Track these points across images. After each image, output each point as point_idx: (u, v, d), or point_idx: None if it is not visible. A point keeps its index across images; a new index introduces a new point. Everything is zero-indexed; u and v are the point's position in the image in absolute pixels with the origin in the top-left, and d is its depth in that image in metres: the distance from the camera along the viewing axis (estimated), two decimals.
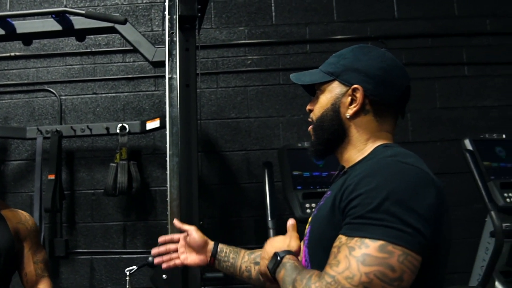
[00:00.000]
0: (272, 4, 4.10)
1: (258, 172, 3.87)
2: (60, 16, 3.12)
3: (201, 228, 2.05)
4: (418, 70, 4.02)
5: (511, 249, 3.27)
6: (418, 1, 4.11)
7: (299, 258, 1.77)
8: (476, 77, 4.05)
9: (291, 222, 1.60)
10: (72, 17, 3.18)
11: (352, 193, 1.23)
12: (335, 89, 1.47)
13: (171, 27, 2.64)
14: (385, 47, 3.95)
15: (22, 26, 3.27)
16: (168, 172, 2.52)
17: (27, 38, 3.39)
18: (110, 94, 4.00)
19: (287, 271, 1.34)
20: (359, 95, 1.41)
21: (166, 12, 2.66)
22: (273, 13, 4.10)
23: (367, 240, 1.15)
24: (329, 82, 1.49)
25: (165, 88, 2.60)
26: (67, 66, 4.04)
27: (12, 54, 4.03)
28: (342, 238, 1.20)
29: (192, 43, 2.77)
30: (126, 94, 4.00)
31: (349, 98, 1.43)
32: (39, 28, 3.27)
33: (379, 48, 1.51)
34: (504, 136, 3.46)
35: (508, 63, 4.05)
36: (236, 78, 4.00)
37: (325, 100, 1.49)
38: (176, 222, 2.01)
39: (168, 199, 2.50)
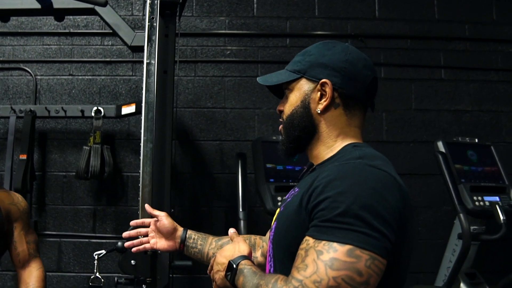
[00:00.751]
0: None
1: (231, 163, 3.88)
2: None
3: (171, 216, 2.06)
4: (395, 71, 4.07)
5: (478, 252, 3.34)
6: (399, 3, 4.14)
7: (257, 256, 1.81)
8: (452, 81, 4.10)
9: (231, 231, 1.63)
10: None
11: (320, 195, 1.23)
12: (304, 86, 1.48)
13: (152, 12, 2.62)
14: (365, 46, 4.00)
15: (1, 2, 3.23)
16: (141, 158, 2.51)
17: (5, 15, 3.34)
18: (86, 77, 3.96)
19: (246, 277, 1.35)
20: (328, 89, 1.42)
21: None
22: (255, 5, 4.09)
23: (335, 244, 1.16)
24: (296, 80, 1.49)
25: (142, 74, 2.59)
26: (44, 46, 3.98)
27: None
28: (309, 241, 1.21)
29: (172, 29, 2.77)
30: (102, 77, 3.96)
31: (318, 93, 1.44)
32: (18, 5, 3.23)
33: (342, 42, 1.51)
34: (476, 140, 3.52)
35: (483, 69, 4.12)
36: (214, 68, 3.99)
37: (294, 98, 1.49)
38: (147, 207, 2.06)
39: (140, 185, 2.49)
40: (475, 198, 3.19)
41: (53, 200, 3.85)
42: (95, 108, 3.67)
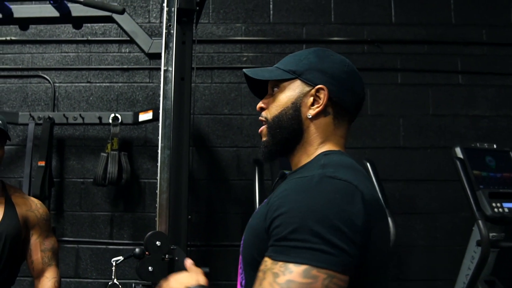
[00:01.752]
0: (270, 2, 4.11)
1: (247, 170, 3.88)
2: (58, 3, 3.11)
3: (188, 222, 2.06)
4: (411, 76, 4.05)
5: (497, 259, 3.30)
6: (415, 8, 4.13)
7: None
8: (469, 86, 4.08)
9: (188, 262, 1.57)
10: (70, 4, 3.19)
11: (276, 212, 1.18)
12: (297, 88, 1.42)
13: (169, 20, 2.63)
14: (381, 51, 3.99)
15: (20, 11, 3.27)
16: (159, 164, 2.52)
17: (24, 23, 3.39)
18: (104, 84, 3.99)
19: None
20: (323, 95, 1.38)
21: (165, 4, 2.66)
22: (271, 11, 4.10)
23: (290, 265, 1.10)
24: (289, 80, 1.43)
25: (159, 81, 2.61)
26: (63, 54, 4.03)
27: (8, 38, 4.01)
28: (267, 262, 1.15)
29: (189, 36, 2.78)
30: (120, 84, 3.99)
31: (311, 98, 1.39)
32: (37, 13, 3.27)
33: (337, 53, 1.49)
34: (495, 146, 3.49)
35: (501, 74, 4.08)
36: (231, 74, 4.00)
37: (284, 98, 1.43)
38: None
39: (157, 191, 2.50)
40: (494, 204, 3.16)
41: (71, 207, 3.88)
42: (112, 115, 3.70)
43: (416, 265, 3.88)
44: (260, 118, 1.49)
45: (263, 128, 1.48)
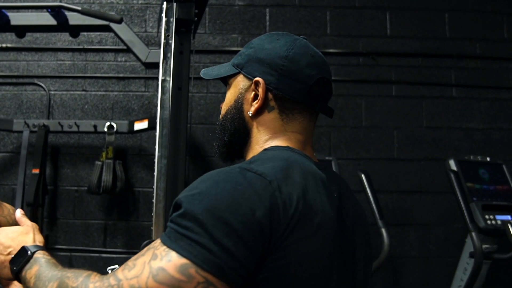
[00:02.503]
0: (267, 14, 4.13)
1: None
2: (56, 11, 3.13)
3: None
4: (406, 88, 4.08)
5: (489, 271, 3.32)
6: (410, 21, 4.17)
7: None
8: (463, 99, 4.11)
9: (20, 212, 1.43)
10: (67, 13, 3.19)
11: (177, 198, 1.06)
12: (240, 83, 1.29)
13: (167, 30, 2.65)
14: (376, 63, 4.00)
15: (17, 18, 3.27)
16: (155, 173, 2.52)
17: (21, 31, 3.39)
18: (99, 92, 4.00)
19: (43, 267, 1.17)
20: (260, 89, 1.23)
21: (163, 15, 2.67)
22: (267, 23, 4.13)
23: (173, 254, 0.97)
24: (235, 75, 1.31)
25: (155, 90, 2.62)
26: (58, 61, 4.03)
27: (4, 45, 4.01)
28: (157, 240, 1.03)
29: (187, 47, 2.78)
30: (115, 93, 3.99)
31: (253, 93, 1.25)
32: (34, 21, 3.27)
33: (294, 35, 1.31)
34: (488, 159, 3.52)
35: (494, 87, 4.12)
36: None
37: (229, 96, 1.32)
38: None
39: (154, 200, 2.51)
40: (487, 216, 3.18)
41: (65, 215, 3.87)
42: (107, 123, 3.70)
43: (410, 276, 3.89)
44: None
45: None
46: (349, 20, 4.15)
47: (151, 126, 3.50)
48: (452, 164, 3.35)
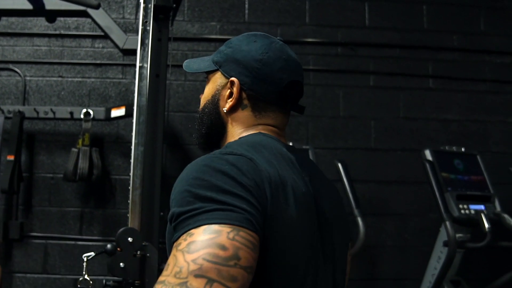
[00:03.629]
0: (246, 2, 4.12)
1: None
2: None
3: (160, 219, 2.05)
4: (384, 79, 4.10)
5: (463, 259, 3.37)
6: (389, 12, 4.18)
7: None
8: (440, 91, 4.14)
9: None
10: None
11: (171, 196, 1.12)
12: (217, 80, 1.37)
13: (145, 16, 2.61)
14: (355, 54, 4.02)
15: None
16: (132, 161, 2.50)
17: None
18: (76, 79, 3.95)
19: None
20: (235, 89, 1.31)
21: (141, 1, 2.64)
22: (246, 11, 4.11)
23: (191, 231, 1.00)
24: (214, 71, 1.39)
25: (132, 77, 2.60)
26: (34, 47, 3.97)
27: None
28: (174, 243, 1.04)
29: (165, 34, 2.77)
30: (92, 80, 3.96)
31: (228, 91, 1.33)
32: (9, 5, 3.23)
33: (271, 37, 1.38)
34: (463, 149, 3.56)
35: (471, 79, 4.16)
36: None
37: (207, 91, 1.40)
38: None
39: (130, 187, 2.49)
40: (461, 206, 3.22)
41: (40, 202, 3.83)
42: (84, 110, 3.66)
43: (385, 265, 3.93)
44: None
45: None
46: (328, 10, 4.15)
47: (128, 113, 3.47)
48: (428, 154, 3.38)
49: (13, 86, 3.92)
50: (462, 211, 3.19)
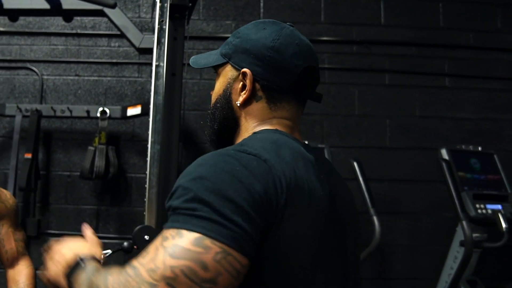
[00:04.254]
0: (261, 1, 4.12)
1: None
2: None
3: None
4: (399, 77, 4.09)
5: (479, 259, 3.36)
6: (404, 10, 4.17)
7: None
8: (455, 89, 4.12)
9: (87, 230, 1.43)
10: None
11: (175, 185, 1.07)
12: (228, 73, 1.30)
13: (161, 15, 2.64)
14: (369, 52, 4.00)
15: (10, 2, 3.25)
16: (148, 159, 2.53)
17: (14, 14, 3.38)
18: (92, 78, 3.98)
19: (87, 273, 1.14)
20: (248, 80, 1.25)
21: (158, 0, 2.66)
22: (261, 10, 4.12)
23: (183, 231, 0.97)
24: (224, 65, 1.32)
25: (148, 76, 2.62)
26: (51, 46, 4.01)
27: None
28: (163, 230, 1.03)
29: (181, 32, 2.78)
30: (108, 78, 3.98)
31: (241, 83, 1.27)
32: (27, 5, 3.26)
33: (280, 23, 1.31)
34: (479, 148, 3.54)
35: (487, 78, 4.14)
36: None
37: (218, 85, 1.33)
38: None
39: (147, 186, 2.51)
40: (477, 206, 3.21)
41: (57, 200, 3.87)
42: (100, 109, 3.69)
43: (399, 264, 3.92)
44: None
45: None
46: (342, 8, 4.15)
47: (144, 112, 3.49)
48: (444, 153, 3.37)
49: (31, 85, 3.96)
50: (479, 211, 3.17)
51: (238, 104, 1.27)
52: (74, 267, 1.19)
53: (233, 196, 1.00)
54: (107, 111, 3.69)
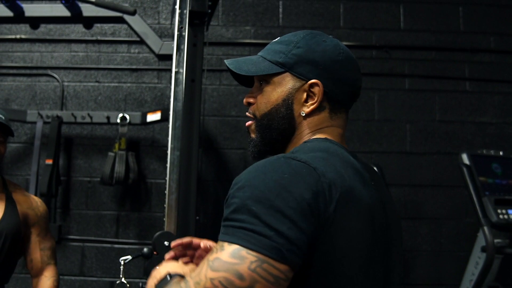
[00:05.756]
0: (280, 6, 4.12)
1: None
2: (70, 2, 3.14)
3: (196, 223, 2.06)
4: (419, 82, 4.06)
5: (501, 265, 3.31)
6: (424, 14, 4.14)
7: None
8: (476, 93, 4.08)
9: (174, 253, 1.49)
10: (81, 4, 3.21)
11: (228, 195, 1.10)
12: (288, 83, 1.28)
13: (181, 22, 2.65)
14: (389, 57, 3.98)
15: (31, 10, 3.29)
16: (168, 165, 2.53)
17: (35, 22, 3.42)
18: (112, 84, 4.01)
19: (169, 286, 1.19)
20: (317, 91, 1.25)
21: (177, 7, 2.67)
22: (280, 15, 4.12)
23: (225, 244, 1.02)
24: (279, 74, 1.29)
25: (167, 82, 2.63)
26: (72, 53, 4.05)
27: (18, 36, 4.04)
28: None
29: (200, 39, 2.79)
30: (128, 84, 4.01)
31: (305, 93, 1.26)
32: (48, 12, 3.30)
33: (330, 36, 1.33)
34: (501, 153, 3.50)
35: (508, 81, 4.09)
36: None
37: (275, 95, 1.29)
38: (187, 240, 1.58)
39: (166, 192, 2.52)
40: (499, 211, 3.17)
41: (77, 205, 3.90)
42: (120, 115, 3.72)
43: (421, 270, 3.88)
44: (247, 113, 1.36)
45: (251, 123, 1.35)
46: (362, 13, 4.13)
47: (164, 118, 3.51)
48: (465, 158, 3.33)
49: (51, 92, 4.00)
50: (501, 216, 3.13)
51: (303, 114, 1.27)
52: (162, 281, 1.28)
53: (280, 206, 1.02)
54: (127, 117, 3.71)
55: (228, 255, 1.00)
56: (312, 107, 1.26)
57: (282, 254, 1.00)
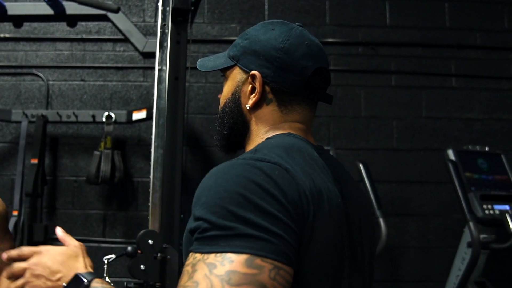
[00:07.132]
0: (266, 3, 4.11)
1: None
2: (53, 0, 3.11)
3: (181, 221, 2.05)
4: (406, 79, 4.06)
5: (487, 260, 3.32)
6: (410, 11, 4.14)
7: None
8: (463, 89, 4.09)
9: (60, 232, 1.37)
10: (64, 2, 3.19)
11: (194, 204, 1.04)
12: (236, 76, 1.27)
13: (164, 19, 2.63)
14: (376, 53, 3.98)
15: (14, 8, 3.27)
16: (152, 163, 2.52)
17: (18, 21, 3.39)
18: (98, 82, 3.99)
19: None
20: (257, 82, 1.20)
21: (160, 4, 2.65)
22: (266, 12, 4.11)
23: (229, 255, 0.92)
24: (232, 67, 1.28)
25: (153, 80, 2.60)
26: (57, 52, 4.02)
27: (1, 35, 4.00)
28: (195, 255, 0.96)
29: (184, 36, 2.78)
30: (114, 83, 3.99)
31: (250, 86, 1.23)
32: (31, 11, 3.27)
33: (289, 23, 1.27)
34: (487, 148, 3.51)
35: (495, 78, 4.10)
36: None
37: (227, 89, 1.30)
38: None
39: (150, 190, 2.50)
40: (485, 206, 3.18)
41: (64, 205, 3.87)
42: (106, 113, 3.70)
43: (408, 266, 3.89)
44: None
45: None
46: (348, 9, 4.13)
47: (150, 116, 3.49)
48: (451, 154, 3.34)
49: (36, 90, 3.97)
50: (486, 211, 3.14)
51: (248, 108, 1.24)
52: (74, 286, 1.15)
53: (269, 208, 0.97)
54: (113, 115, 3.69)
55: (243, 266, 0.92)
56: (254, 99, 1.22)
57: (289, 257, 0.96)
